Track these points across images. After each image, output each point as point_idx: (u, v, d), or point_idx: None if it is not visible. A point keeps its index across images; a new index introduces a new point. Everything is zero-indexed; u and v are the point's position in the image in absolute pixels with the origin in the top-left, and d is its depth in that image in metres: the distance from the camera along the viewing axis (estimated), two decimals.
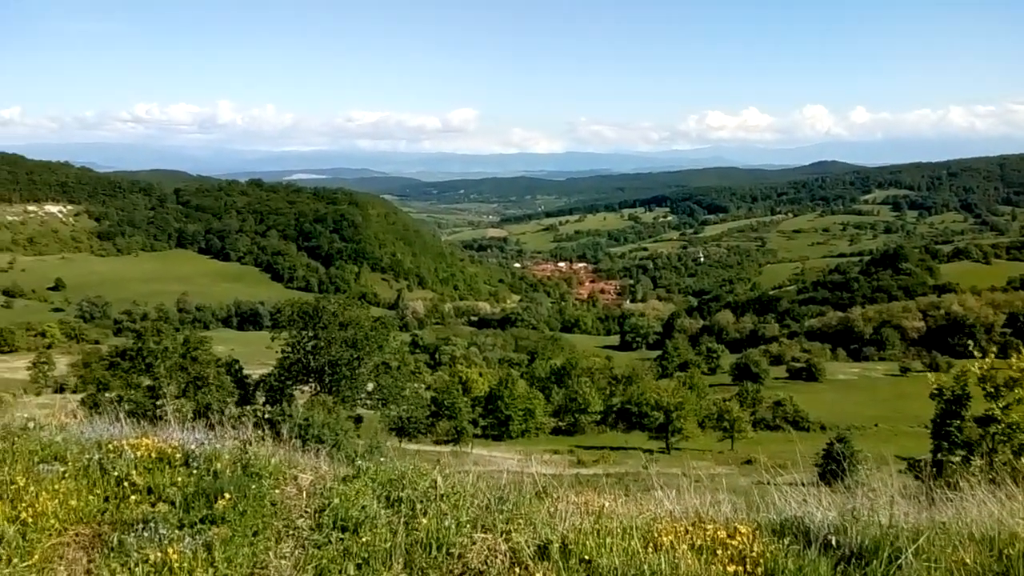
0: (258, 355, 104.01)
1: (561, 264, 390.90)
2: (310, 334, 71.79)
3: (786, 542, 5.42)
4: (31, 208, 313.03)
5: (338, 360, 70.01)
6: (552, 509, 6.06)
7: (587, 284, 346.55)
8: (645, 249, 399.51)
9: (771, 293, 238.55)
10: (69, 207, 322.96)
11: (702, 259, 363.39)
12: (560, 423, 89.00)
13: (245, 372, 77.22)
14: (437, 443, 71.03)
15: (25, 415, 7.84)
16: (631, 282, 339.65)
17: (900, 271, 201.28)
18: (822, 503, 6.06)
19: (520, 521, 5.78)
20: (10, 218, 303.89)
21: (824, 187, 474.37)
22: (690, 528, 5.71)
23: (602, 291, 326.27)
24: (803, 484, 7.15)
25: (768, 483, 7.07)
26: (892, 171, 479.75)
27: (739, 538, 5.46)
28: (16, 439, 7.06)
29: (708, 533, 5.56)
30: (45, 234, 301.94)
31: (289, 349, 72.98)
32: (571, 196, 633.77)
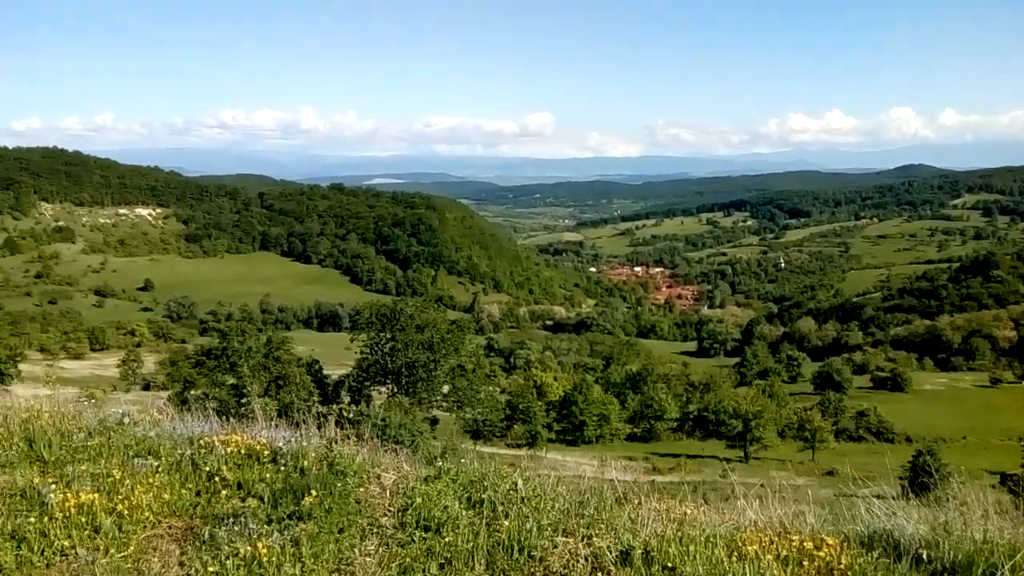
0: (337, 356, 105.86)
1: (637, 269, 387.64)
2: (388, 336, 72.71)
3: (875, 555, 5.28)
4: (122, 211, 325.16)
5: (415, 362, 70.71)
6: (633, 515, 6.01)
7: (664, 289, 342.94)
8: (724, 254, 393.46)
9: (855, 300, 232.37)
10: (158, 210, 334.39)
11: (783, 264, 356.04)
12: (635, 429, 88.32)
13: (325, 372, 78.75)
14: (511, 447, 71.24)
15: (119, 411, 8.13)
16: (709, 287, 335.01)
17: (991, 278, 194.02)
18: (911, 516, 5.88)
19: (601, 526, 5.76)
20: (102, 221, 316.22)
21: (911, 191, 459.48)
22: (775, 538, 5.60)
23: (679, 296, 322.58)
24: (893, 497, 6.96)
25: (852, 495, 6.91)
26: (983, 175, 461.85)
27: (826, 550, 5.35)
28: (112, 434, 7.33)
29: (794, 544, 5.45)
30: (135, 236, 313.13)
31: (367, 350, 74.03)
32: (648, 200, 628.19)
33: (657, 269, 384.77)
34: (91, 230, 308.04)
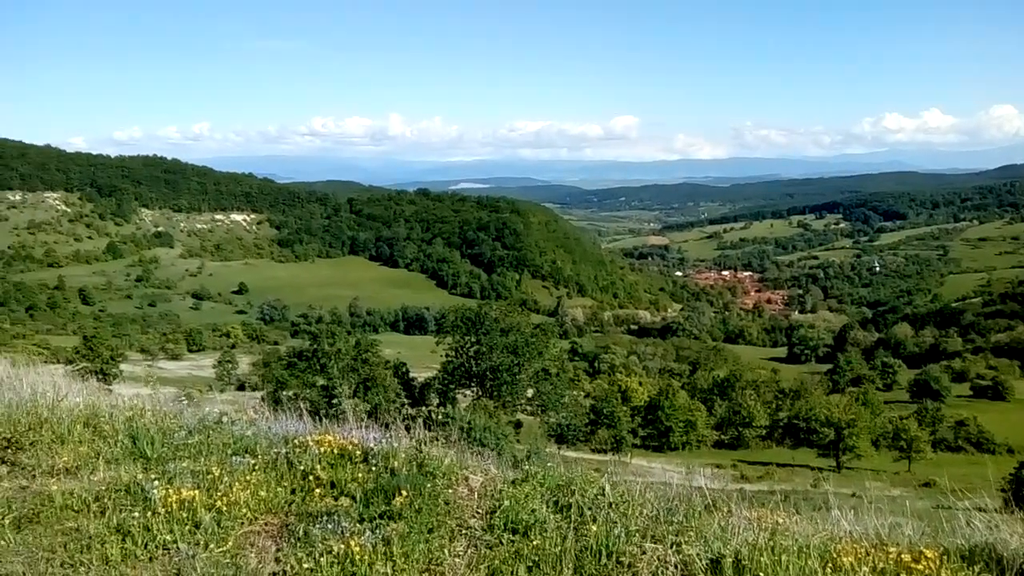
0: (423, 359, 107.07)
1: (725, 273, 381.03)
2: (473, 339, 73.40)
3: (976, 570, 5.11)
4: (218, 217, 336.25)
5: (499, 365, 71.17)
6: (723, 523, 5.92)
7: (752, 293, 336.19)
8: (815, 257, 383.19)
9: (954, 305, 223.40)
10: (252, 216, 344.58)
11: (877, 268, 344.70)
12: (723, 436, 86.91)
13: (411, 375, 79.86)
14: (595, 451, 70.84)
15: (217, 410, 8.42)
16: (800, 292, 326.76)
17: None
18: (1015, 530, 5.63)
19: (691, 533, 5.69)
20: (199, 226, 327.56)
21: (1014, 192, 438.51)
22: (871, 550, 5.44)
23: (768, 301, 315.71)
24: (995, 510, 6.68)
25: (951, 507, 6.67)
26: None
27: (924, 563, 5.17)
28: (211, 432, 7.59)
29: (891, 556, 5.28)
30: (230, 241, 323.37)
31: (453, 353, 74.85)
32: (736, 203, 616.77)
33: (745, 273, 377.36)
34: (189, 235, 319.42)
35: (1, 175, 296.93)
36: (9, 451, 7.19)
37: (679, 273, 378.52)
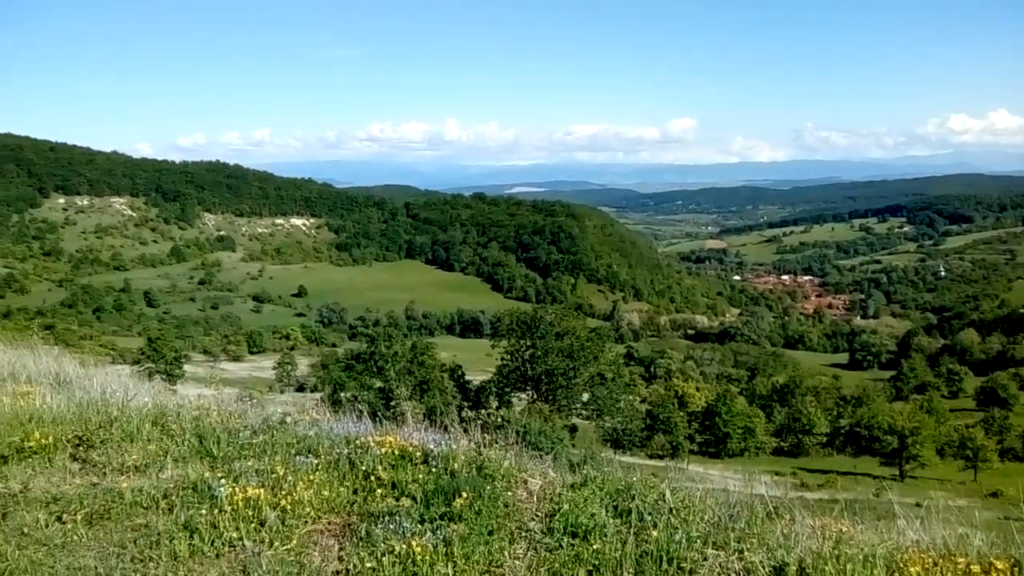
0: (478, 362, 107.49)
1: (784, 277, 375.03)
2: (528, 343, 73.40)
3: None
4: (279, 221, 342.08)
5: (554, 369, 71.03)
6: (786, 531, 5.85)
7: (813, 298, 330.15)
8: (878, 262, 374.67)
9: (1022, 311, 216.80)
10: (311, 220, 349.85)
11: (943, 273, 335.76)
12: (782, 443, 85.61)
13: (466, 378, 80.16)
14: (652, 457, 70.33)
15: (280, 411, 8.57)
16: (862, 297, 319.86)
17: None
18: None
19: (753, 540, 5.63)
20: (260, 230, 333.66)
21: None
22: (939, 560, 5.34)
23: (829, 306, 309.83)
24: None
25: (1019, 518, 6.49)
26: None
27: (995, 574, 5.04)
28: (274, 432, 7.73)
29: (959, 567, 5.18)
30: (290, 245, 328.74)
31: (508, 357, 74.94)
32: (796, 206, 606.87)
33: (806, 277, 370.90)
34: (250, 239, 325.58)
35: (70, 180, 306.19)
36: (81, 448, 7.40)
37: (737, 277, 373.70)
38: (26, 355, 11.51)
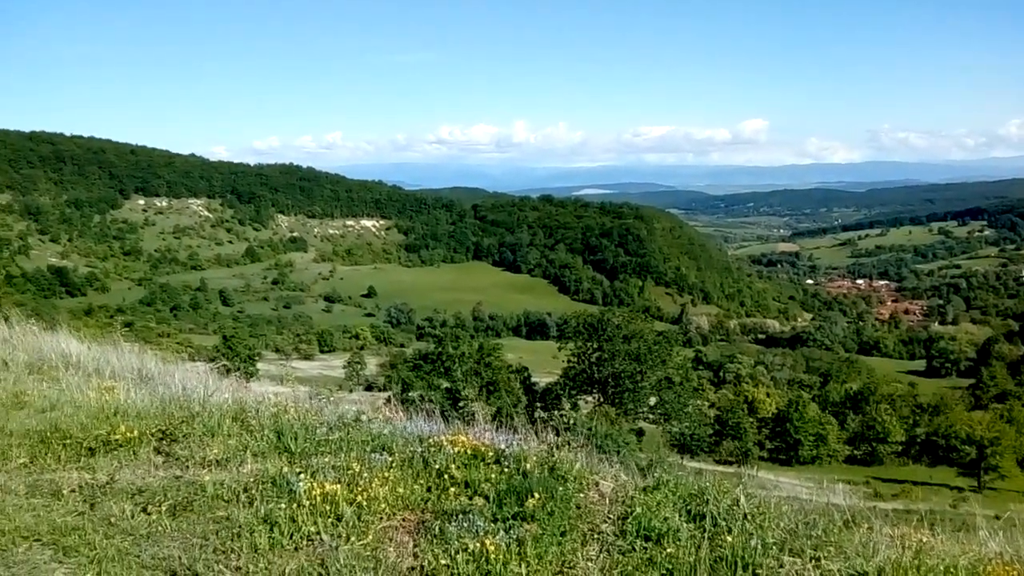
0: (545, 364, 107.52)
1: (859, 281, 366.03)
2: (595, 345, 73.07)
3: None
4: (349, 223, 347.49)
5: (621, 372, 70.58)
6: (864, 540, 5.74)
7: (889, 303, 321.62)
8: (957, 266, 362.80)
9: None
10: (381, 222, 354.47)
11: None
12: (855, 452, 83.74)
13: (532, 380, 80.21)
14: (720, 463, 69.46)
15: (355, 408, 8.72)
16: (940, 302, 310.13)
17: None
18: None
19: (830, 548, 5.54)
20: (331, 231, 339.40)
21: None
22: None
23: (906, 311, 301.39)
24: None
25: None
26: None
27: None
28: (350, 429, 7.87)
29: None
30: (361, 246, 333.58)
31: (574, 359, 74.71)
32: (871, 208, 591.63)
33: (881, 282, 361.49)
34: (321, 240, 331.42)
35: (150, 182, 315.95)
36: (164, 442, 7.64)
37: (810, 281, 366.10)
38: (109, 351, 11.89)
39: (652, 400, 73.68)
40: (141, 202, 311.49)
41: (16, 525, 5.83)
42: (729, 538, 5.48)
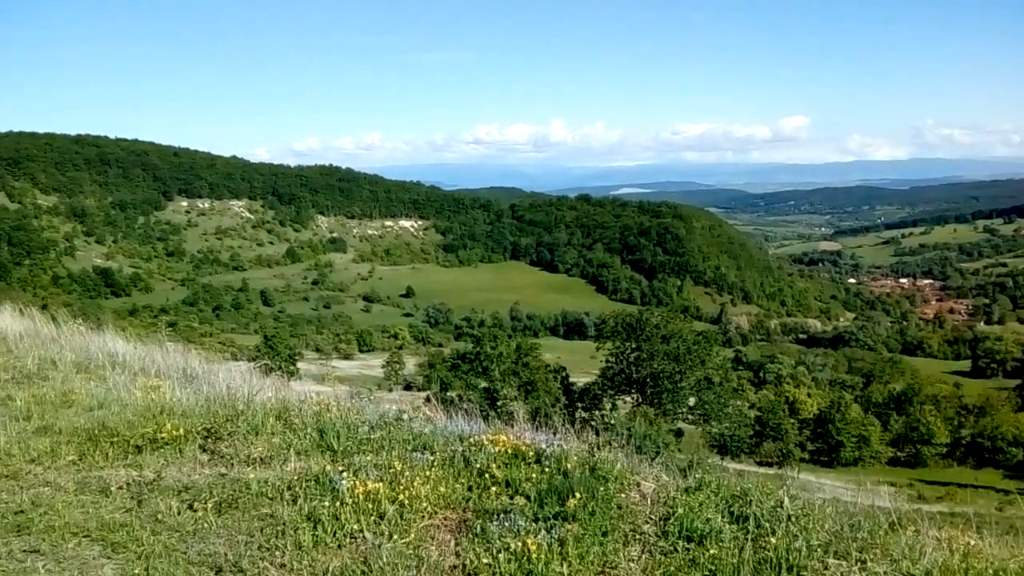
0: (582, 364, 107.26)
1: (903, 280, 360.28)
2: (633, 346, 72.68)
3: None
4: (388, 223, 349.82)
5: (660, 373, 70.14)
6: (910, 542, 5.65)
7: (933, 303, 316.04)
8: (1004, 265, 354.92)
9: None
10: (419, 222, 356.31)
11: None
12: (899, 453, 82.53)
13: (570, 379, 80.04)
14: (760, 464, 68.76)
15: (396, 407, 8.77)
16: (986, 302, 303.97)
17: None
18: None
19: (876, 551, 5.47)
20: (370, 232, 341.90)
21: None
22: None
23: (951, 311, 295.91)
24: None
25: None
26: None
27: None
28: (391, 428, 7.93)
29: None
30: (399, 246, 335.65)
31: (612, 359, 74.38)
32: (915, 206, 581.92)
33: (925, 281, 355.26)
34: (360, 241, 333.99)
35: (192, 184, 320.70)
36: (209, 440, 7.75)
37: (852, 280, 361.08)
38: (154, 350, 12.08)
39: (691, 401, 73.15)
40: (184, 204, 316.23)
41: (66, 521, 5.95)
42: (773, 540, 5.43)
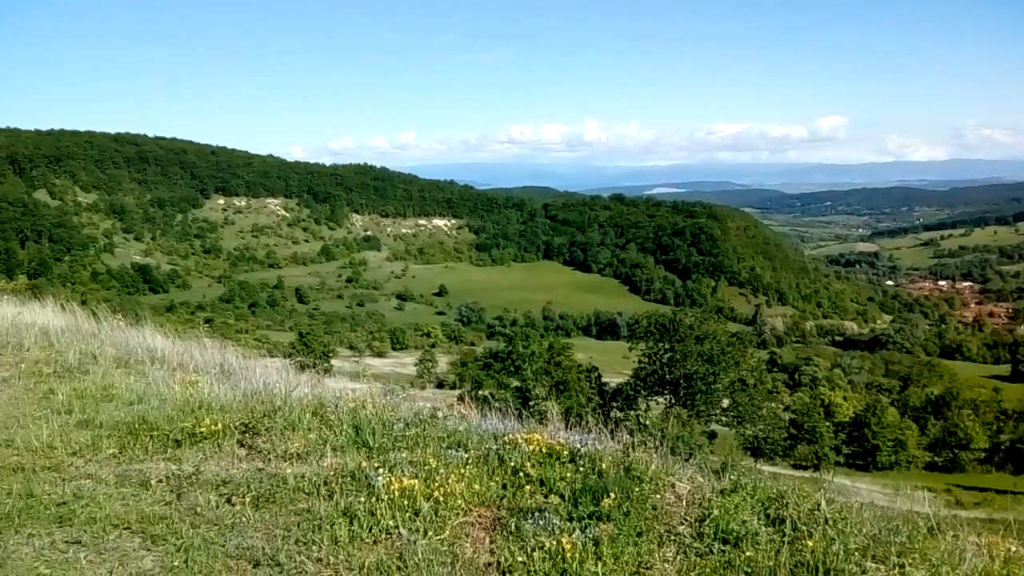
0: (615, 364, 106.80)
1: (942, 283, 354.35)
2: (666, 346, 72.22)
3: None
4: (421, 222, 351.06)
5: (693, 374, 69.60)
6: (950, 548, 5.58)
7: (972, 305, 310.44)
8: None
9: None
10: (453, 221, 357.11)
11: None
12: (936, 458, 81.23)
13: (603, 380, 79.75)
14: (795, 467, 68.10)
15: (431, 405, 8.82)
16: None
17: None
18: None
19: (915, 556, 5.41)
20: (404, 231, 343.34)
21: None
22: None
23: (991, 314, 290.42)
24: None
25: None
26: None
27: None
28: (426, 425, 7.97)
29: None
30: (432, 245, 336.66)
31: (645, 360, 73.97)
32: (955, 207, 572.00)
33: (965, 283, 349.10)
34: (394, 239, 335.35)
35: (229, 182, 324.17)
36: (247, 435, 7.84)
37: (890, 282, 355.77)
38: (192, 346, 12.24)
39: (725, 402, 72.55)
40: (221, 202, 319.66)
41: (107, 513, 6.06)
42: (810, 543, 5.39)
